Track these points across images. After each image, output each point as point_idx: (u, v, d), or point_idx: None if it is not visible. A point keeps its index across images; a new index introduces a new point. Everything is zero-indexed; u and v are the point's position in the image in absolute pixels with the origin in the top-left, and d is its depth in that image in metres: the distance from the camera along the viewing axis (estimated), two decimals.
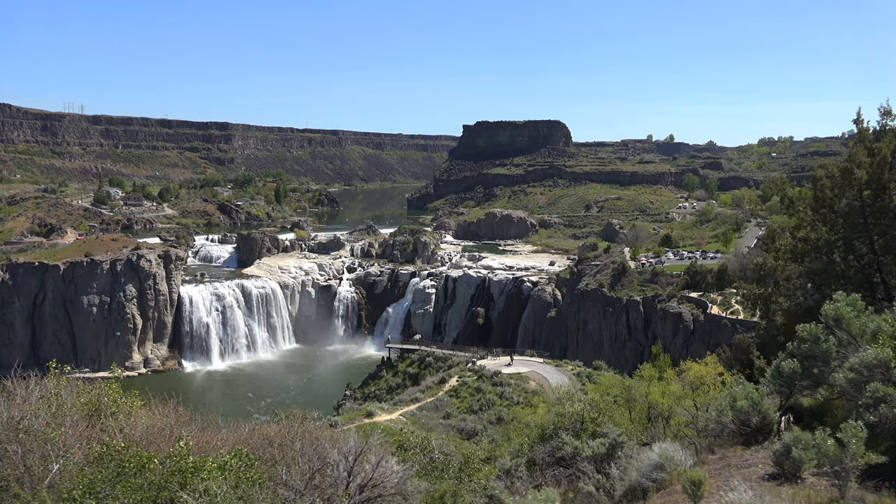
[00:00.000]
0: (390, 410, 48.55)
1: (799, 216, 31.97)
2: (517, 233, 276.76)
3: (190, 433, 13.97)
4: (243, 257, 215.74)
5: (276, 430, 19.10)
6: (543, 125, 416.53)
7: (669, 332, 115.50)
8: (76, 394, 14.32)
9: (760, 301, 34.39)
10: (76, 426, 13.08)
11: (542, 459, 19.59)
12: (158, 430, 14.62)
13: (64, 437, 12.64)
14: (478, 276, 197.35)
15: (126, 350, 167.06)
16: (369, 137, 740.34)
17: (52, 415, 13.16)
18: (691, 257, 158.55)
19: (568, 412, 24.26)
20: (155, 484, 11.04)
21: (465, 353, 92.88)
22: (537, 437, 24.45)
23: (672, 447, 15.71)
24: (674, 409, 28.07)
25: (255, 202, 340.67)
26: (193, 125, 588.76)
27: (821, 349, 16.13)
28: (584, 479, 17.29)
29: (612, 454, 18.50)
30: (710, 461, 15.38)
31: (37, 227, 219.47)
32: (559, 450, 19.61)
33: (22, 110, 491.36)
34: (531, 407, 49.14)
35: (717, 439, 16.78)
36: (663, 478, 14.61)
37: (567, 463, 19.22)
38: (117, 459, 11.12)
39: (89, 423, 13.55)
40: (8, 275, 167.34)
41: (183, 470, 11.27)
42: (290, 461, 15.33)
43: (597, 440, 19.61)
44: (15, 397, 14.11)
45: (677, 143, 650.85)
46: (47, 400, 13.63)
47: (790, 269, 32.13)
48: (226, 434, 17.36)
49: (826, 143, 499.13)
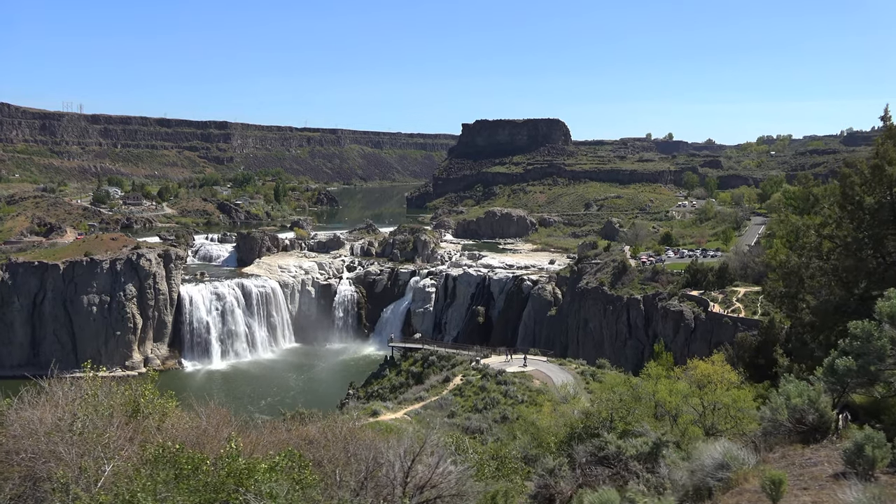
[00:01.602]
0: (395, 409, 48.52)
1: (824, 213, 31.81)
2: (517, 231, 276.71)
3: (236, 435, 13.91)
4: (243, 256, 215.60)
5: (314, 430, 19.02)
6: (543, 124, 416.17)
7: (670, 331, 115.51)
8: (111, 394, 14.27)
9: (787, 299, 34.20)
10: (123, 427, 13.05)
11: (584, 458, 19.48)
12: (202, 431, 14.55)
13: (113, 438, 12.60)
14: (478, 274, 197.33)
15: (126, 349, 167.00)
16: (368, 136, 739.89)
17: (98, 416, 13.11)
18: (691, 255, 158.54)
19: (596, 411, 24.22)
20: (211, 485, 11.03)
21: (469, 352, 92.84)
22: (566, 437, 24.43)
23: (735, 446, 15.56)
24: (681, 408, 28.05)
25: (254, 201, 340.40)
26: (192, 124, 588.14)
27: (874, 346, 15.91)
28: (633, 479, 17.17)
29: (656, 453, 18.43)
30: (771, 460, 15.26)
31: (36, 227, 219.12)
32: (602, 449, 19.51)
33: (20, 109, 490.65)
34: (536, 406, 49.11)
35: (772, 438, 16.60)
36: (729, 477, 14.43)
37: (610, 462, 19.14)
38: (174, 461, 11.08)
39: (128, 423, 13.51)
40: (7, 274, 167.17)
41: (238, 472, 11.25)
42: (337, 462, 15.25)
43: (639, 439, 19.55)
44: (53, 398, 14.05)
45: (676, 141, 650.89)
46: (85, 401, 13.57)
47: (815, 266, 31.97)
48: (266, 435, 17.30)
49: (825, 142, 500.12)
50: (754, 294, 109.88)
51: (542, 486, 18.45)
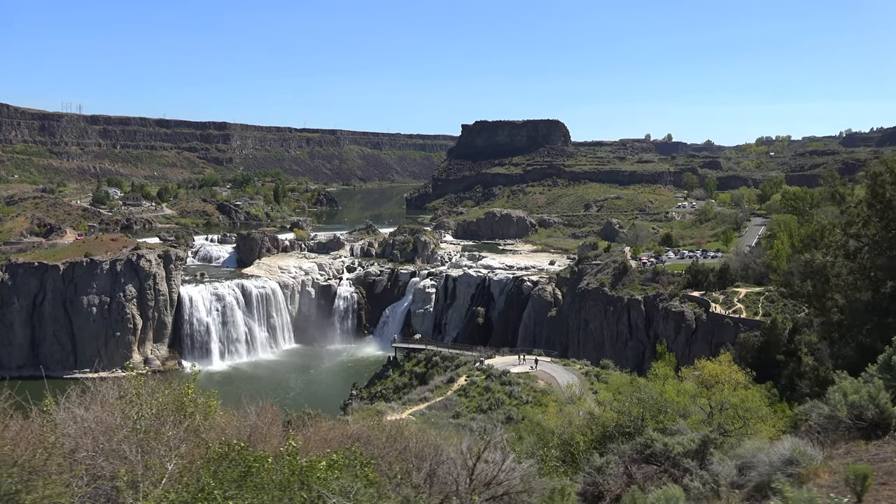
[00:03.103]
0: (399, 410, 48.50)
1: (850, 212, 31.68)
2: (517, 232, 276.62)
3: (294, 433, 13.93)
4: (243, 257, 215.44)
5: (355, 427, 19.01)
6: (542, 125, 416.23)
7: (671, 332, 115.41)
8: (154, 393, 14.29)
9: (815, 298, 34.05)
10: (175, 425, 13.07)
11: (629, 457, 19.53)
12: (254, 429, 14.53)
13: (171, 436, 12.64)
14: (478, 275, 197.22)
15: (126, 350, 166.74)
16: (367, 137, 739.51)
17: (152, 415, 13.15)
18: (692, 256, 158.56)
19: (627, 410, 24.24)
20: (277, 483, 11.09)
21: (473, 353, 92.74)
22: (597, 437, 24.44)
23: (802, 442, 15.63)
24: (689, 408, 28.00)
25: (253, 202, 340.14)
26: (191, 125, 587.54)
27: None
28: (687, 476, 17.14)
29: (704, 450, 18.47)
30: (836, 455, 15.30)
31: (36, 228, 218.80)
32: (647, 447, 19.54)
33: (20, 110, 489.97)
34: (541, 406, 49.07)
35: (831, 434, 16.65)
36: (799, 472, 14.51)
37: (657, 460, 19.17)
38: (240, 458, 11.11)
39: (180, 422, 13.55)
40: (7, 275, 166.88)
41: (302, 469, 11.30)
42: (391, 459, 15.21)
43: (685, 437, 19.61)
44: (98, 397, 14.07)
45: (675, 142, 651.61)
46: (131, 400, 13.60)
47: (840, 264, 31.86)
48: (311, 432, 17.28)
49: (824, 143, 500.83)
50: (755, 295, 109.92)
51: (590, 483, 18.50)
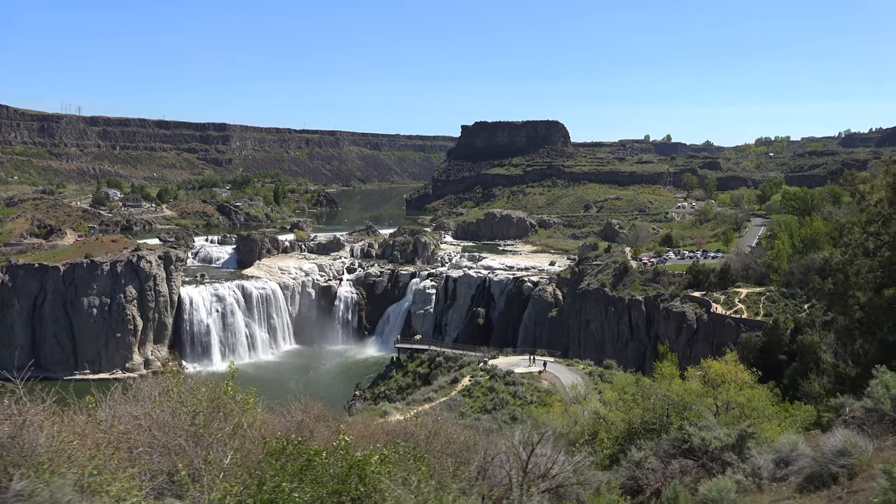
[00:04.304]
0: (404, 410, 48.50)
1: (870, 211, 31.77)
2: (517, 233, 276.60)
3: (345, 428, 14.07)
4: (243, 258, 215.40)
5: (394, 423, 19.15)
6: (542, 125, 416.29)
7: (672, 332, 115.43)
8: (194, 391, 14.44)
9: (836, 296, 34.14)
10: (226, 420, 13.23)
11: (665, 451, 19.74)
12: (300, 425, 14.63)
13: (224, 431, 12.81)
14: (478, 276, 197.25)
15: (126, 351, 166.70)
16: (367, 138, 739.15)
17: (204, 412, 13.34)
18: (692, 257, 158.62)
19: (652, 406, 24.42)
20: (335, 476, 11.27)
21: (476, 353, 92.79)
22: (623, 434, 24.61)
23: (853, 434, 15.81)
24: (696, 407, 28.14)
25: (253, 203, 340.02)
26: (191, 126, 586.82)
27: None
28: (729, 469, 17.30)
29: (741, 444, 18.66)
30: (885, 447, 15.50)
31: (36, 229, 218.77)
32: (685, 441, 19.75)
33: (19, 111, 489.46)
34: (546, 406, 49.10)
35: (874, 427, 16.81)
36: (852, 463, 14.78)
37: (695, 454, 19.38)
38: (299, 453, 11.34)
39: (227, 418, 13.74)
40: (8, 276, 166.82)
41: (359, 463, 11.49)
42: (437, 453, 15.32)
43: (721, 431, 19.87)
44: (140, 394, 14.22)
45: (674, 143, 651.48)
46: (178, 398, 13.76)
47: (859, 263, 31.95)
48: (359, 428, 17.42)
49: (823, 143, 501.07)
50: (757, 295, 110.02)
51: (630, 477, 18.68)
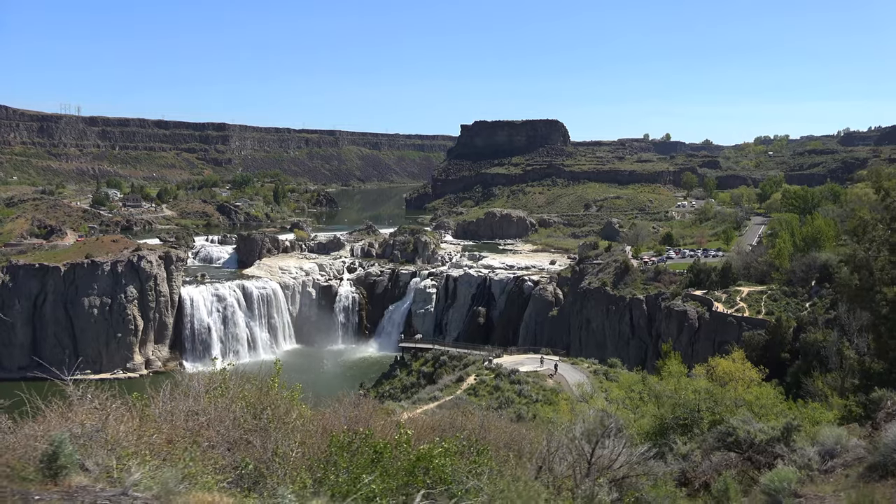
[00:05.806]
0: (410, 409, 48.60)
1: (893, 207, 31.85)
2: (517, 232, 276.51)
3: (403, 422, 14.23)
4: (243, 258, 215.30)
5: (440, 417, 19.30)
6: (541, 125, 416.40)
7: (674, 331, 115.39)
8: (241, 386, 14.68)
9: (863, 292, 34.18)
10: (286, 414, 13.46)
11: (710, 444, 19.99)
12: (355, 419, 14.79)
13: (292, 425, 13.10)
14: (478, 275, 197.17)
15: (127, 351, 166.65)
16: (366, 137, 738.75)
17: (272, 405, 13.60)
18: (693, 255, 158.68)
19: (683, 402, 24.53)
20: (403, 469, 11.45)
21: (481, 352, 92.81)
22: (655, 429, 24.71)
23: None
24: (702, 405, 28.12)
25: (253, 203, 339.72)
26: (190, 126, 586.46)
27: None
28: (780, 462, 17.48)
29: (788, 437, 18.77)
30: None
31: (36, 229, 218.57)
32: (729, 435, 19.96)
33: (18, 112, 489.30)
34: (552, 405, 49.15)
35: None
36: None
37: (740, 447, 19.59)
38: (367, 446, 11.59)
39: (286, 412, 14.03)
40: (8, 277, 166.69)
41: (425, 456, 11.66)
42: (488, 444, 15.50)
43: (767, 423, 20.07)
44: (190, 391, 14.40)
45: (674, 142, 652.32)
46: (235, 395, 14.02)
47: (884, 259, 32.02)
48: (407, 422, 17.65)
49: (822, 142, 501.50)
50: (758, 293, 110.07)
51: (677, 470, 18.90)
